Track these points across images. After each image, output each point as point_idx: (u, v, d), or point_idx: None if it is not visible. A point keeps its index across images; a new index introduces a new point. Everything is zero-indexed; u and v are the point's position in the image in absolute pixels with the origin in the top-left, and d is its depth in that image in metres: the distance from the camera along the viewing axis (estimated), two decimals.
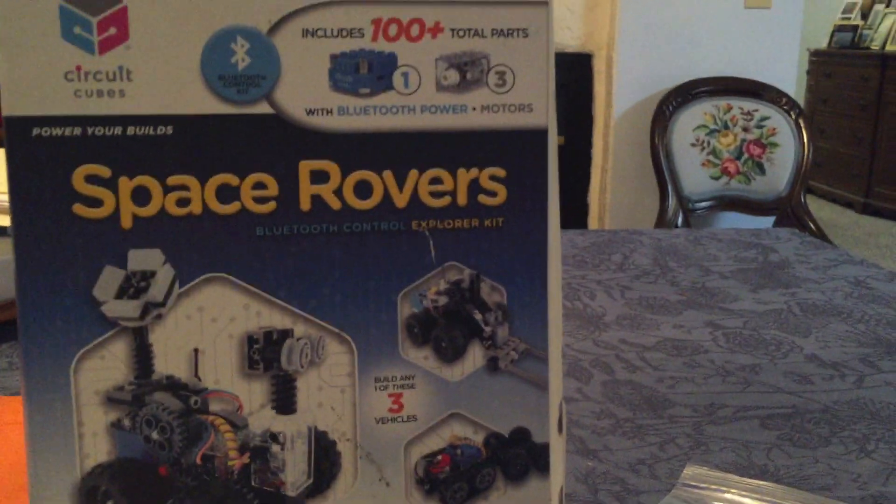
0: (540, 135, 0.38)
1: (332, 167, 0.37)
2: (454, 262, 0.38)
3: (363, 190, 0.37)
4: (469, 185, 0.38)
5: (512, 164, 0.38)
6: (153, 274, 0.36)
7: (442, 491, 0.39)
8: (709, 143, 2.10)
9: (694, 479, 0.59)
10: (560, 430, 0.40)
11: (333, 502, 0.38)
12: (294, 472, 0.38)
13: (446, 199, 0.38)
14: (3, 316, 0.72)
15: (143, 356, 0.36)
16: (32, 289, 0.35)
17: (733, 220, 2.15)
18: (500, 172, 0.38)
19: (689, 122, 2.13)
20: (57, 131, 0.35)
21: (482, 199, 0.38)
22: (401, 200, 0.37)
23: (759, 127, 2.13)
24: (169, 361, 0.36)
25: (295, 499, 0.38)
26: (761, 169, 2.13)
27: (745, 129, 2.11)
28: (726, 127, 2.11)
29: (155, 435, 0.37)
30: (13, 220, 0.35)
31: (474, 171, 0.38)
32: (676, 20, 2.28)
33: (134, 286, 0.36)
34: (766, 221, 2.15)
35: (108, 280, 0.36)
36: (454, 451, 0.39)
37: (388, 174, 0.37)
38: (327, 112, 0.37)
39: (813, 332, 0.84)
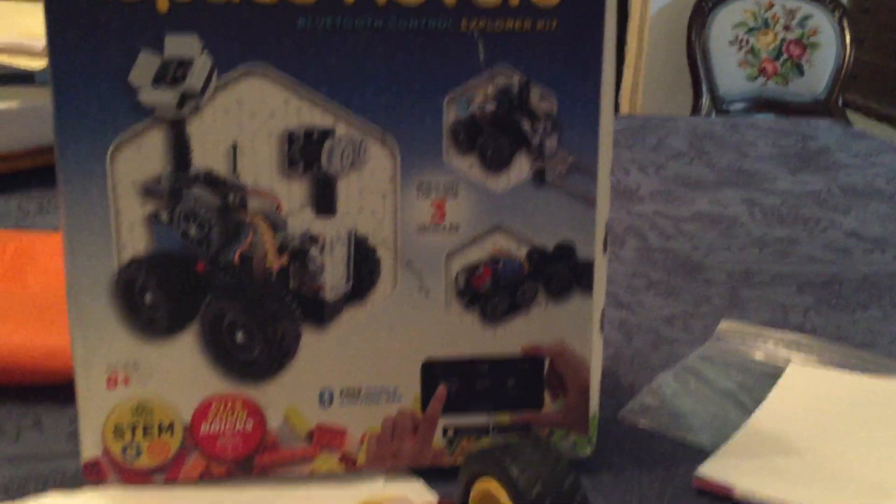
0: None
1: None
2: (504, 66, 0.36)
3: None
4: None
5: None
6: (191, 62, 0.34)
7: (482, 304, 0.38)
8: (747, 41, 2.03)
9: (729, 332, 0.58)
10: (605, 249, 0.39)
11: (372, 309, 0.38)
12: (333, 276, 0.37)
13: None
14: (27, 162, 0.72)
15: (180, 149, 0.35)
16: (66, 73, 0.34)
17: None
18: None
19: (728, 19, 2.05)
20: None
21: None
22: None
23: (801, 26, 2.05)
24: (207, 155, 0.35)
25: (333, 304, 0.37)
26: (800, 70, 2.06)
27: (786, 28, 2.03)
28: (766, 25, 2.04)
29: (193, 230, 0.36)
30: (46, 2, 0.33)
31: None
32: None
33: (171, 74, 0.34)
34: None
35: (145, 66, 0.34)
36: (496, 264, 0.38)
37: None
38: None
39: (853, 210, 0.82)
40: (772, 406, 0.47)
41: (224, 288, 0.36)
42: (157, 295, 0.36)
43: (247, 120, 0.35)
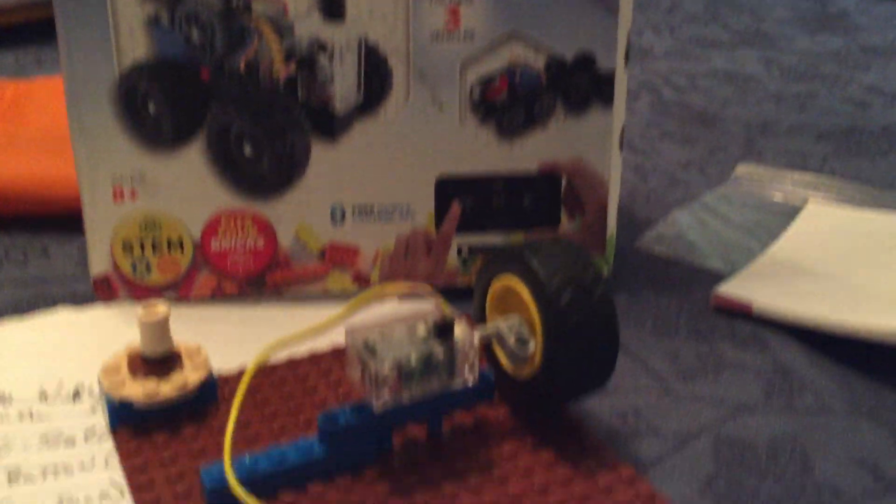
0: None
1: None
2: None
3: None
4: None
5: None
6: None
7: (498, 117, 0.37)
8: None
9: (746, 175, 0.57)
10: (626, 60, 0.37)
11: (383, 123, 0.36)
12: (343, 86, 0.36)
13: None
14: (23, 16, 0.69)
15: None
16: None
17: None
18: None
19: None
20: None
21: None
22: None
23: None
24: None
25: (344, 116, 0.36)
26: None
27: None
28: None
29: (195, 34, 0.34)
30: None
31: None
32: None
33: None
34: None
35: None
36: (512, 75, 0.37)
37: None
38: None
39: (873, 68, 0.79)
40: (791, 238, 0.46)
41: (230, 97, 0.35)
42: (160, 103, 0.34)
43: None
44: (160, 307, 0.29)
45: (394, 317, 0.28)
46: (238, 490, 0.22)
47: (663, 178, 0.55)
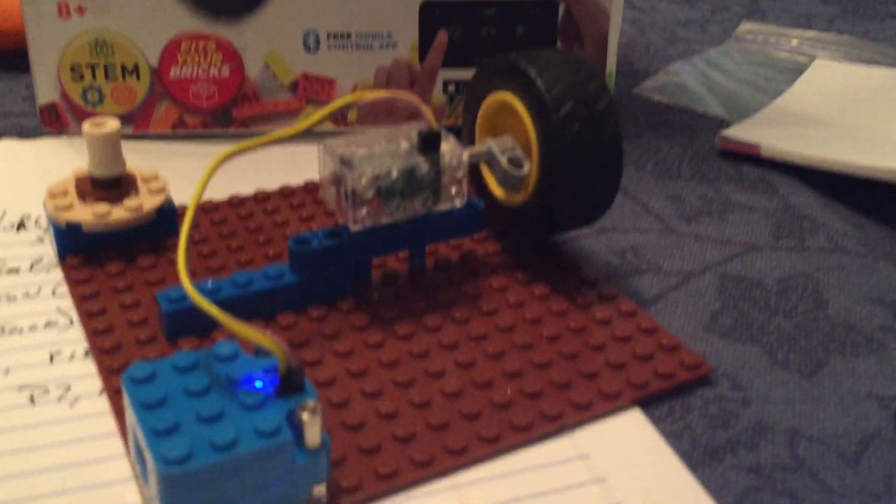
0: None
1: None
2: None
3: None
4: None
5: None
6: None
7: None
8: None
9: (750, 32, 0.54)
10: None
11: None
12: None
13: None
14: None
15: None
16: None
17: None
18: None
19: None
20: None
21: None
22: None
23: None
24: None
25: None
26: None
27: None
28: None
29: None
30: None
31: None
32: None
33: None
34: None
35: None
36: None
37: None
38: None
39: None
40: (798, 90, 0.43)
41: None
42: None
43: None
44: (110, 121, 0.26)
45: (373, 133, 0.25)
46: (202, 302, 0.19)
47: (662, 34, 0.51)
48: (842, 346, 0.26)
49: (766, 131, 0.37)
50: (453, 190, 0.25)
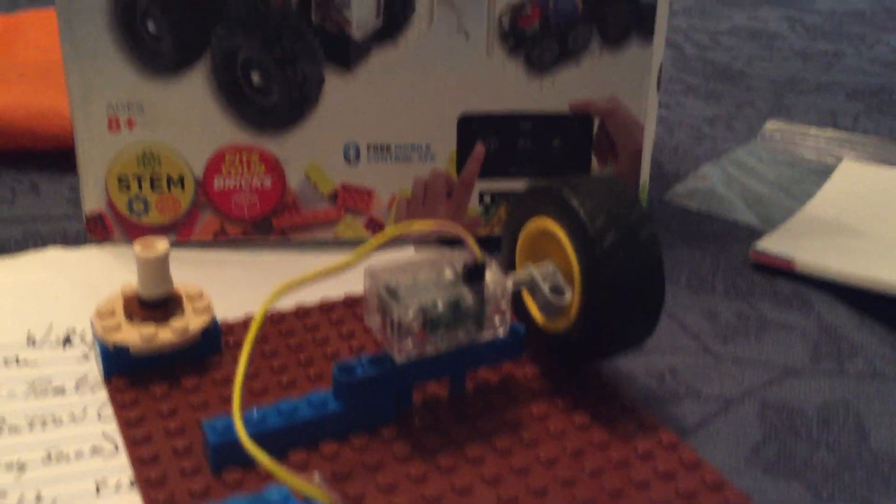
0: None
1: None
2: None
3: None
4: None
5: None
6: None
7: (528, 50, 0.34)
8: None
9: (776, 132, 0.54)
10: None
11: (404, 51, 0.33)
12: (361, 9, 0.32)
13: None
14: None
15: None
16: None
17: None
18: None
19: None
20: None
21: None
22: None
23: None
24: None
25: (361, 43, 0.33)
26: None
27: None
28: None
29: None
30: None
31: None
32: None
33: None
34: None
35: None
36: (545, 2, 0.34)
37: None
38: None
39: None
40: (828, 194, 0.43)
41: (237, 18, 0.32)
42: (161, 22, 0.31)
43: None
44: (159, 243, 0.26)
45: (417, 260, 0.25)
46: (249, 445, 0.20)
47: (689, 133, 0.52)
48: (885, 482, 0.25)
49: (799, 243, 0.37)
50: (497, 319, 0.25)
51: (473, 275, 0.25)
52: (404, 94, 0.33)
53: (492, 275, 0.26)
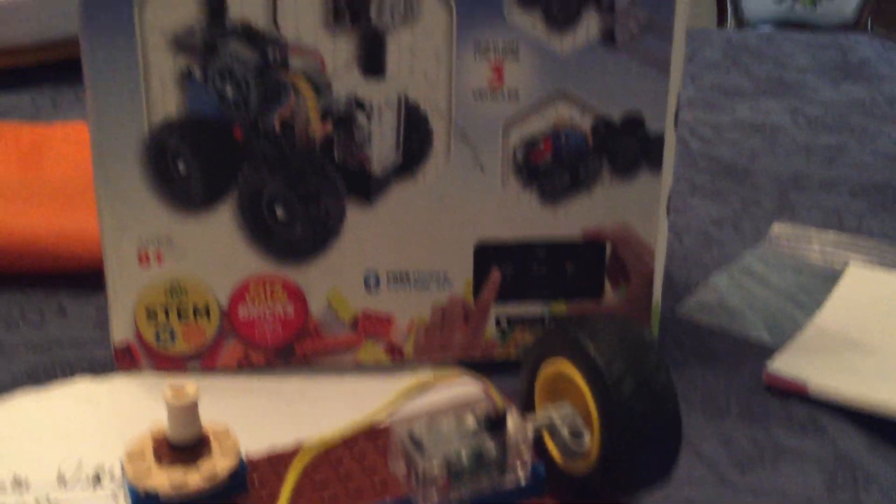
0: None
1: None
2: None
3: None
4: None
5: None
6: None
7: (541, 181, 0.35)
8: None
9: (783, 235, 0.55)
10: (676, 122, 0.36)
11: (422, 185, 0.35)
12: (381, 146, 0.34)
13: None
14: (37, 56, 0.68)
15: None
16: None
17: None
18: None
19: None
20: None
21: None
22: None
23: None
24: (245, 4, 0.32)
25: (381, 178, 0.34)
26: None
27: None
28: None
29: (229, 91, 0.32)
30: None
31: None
32: None
33: None
34: None
35: None
36: (557, 137, 0.35)
37: None
38: None
39: None
40: (836, 305, 0.44)
41: (263, 157, 0.33)
42: (190, 163, 0.33)
43: None
44: (189, 389, 0.27)
45: (439, 404, 0.26)
46: None
47: (698, 237, 0.53)
48: None
49: (811, 363, 0.38)
50: (518, 466, 0.26)
51: (495, 424, 0.26)
52: (423, 224, 0.35)
53: (513, 422, 0.26)
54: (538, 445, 0.29)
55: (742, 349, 0.40)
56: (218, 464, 0.27)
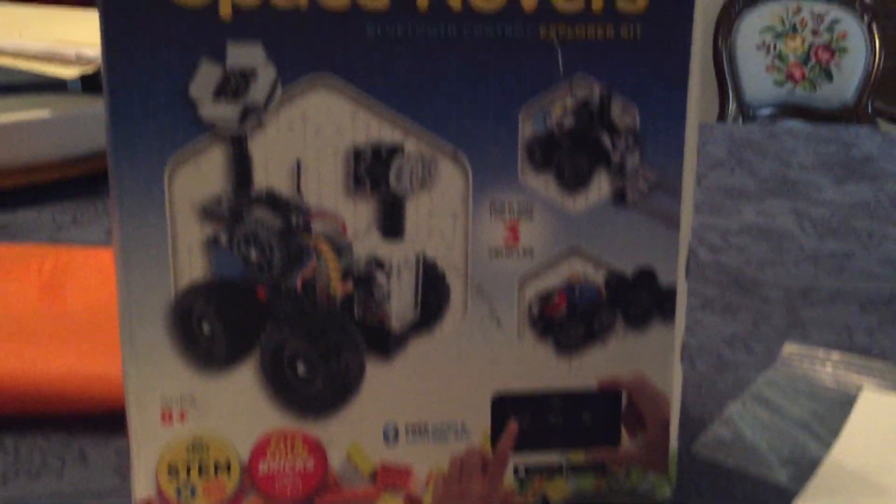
0: None
1: None
2: (583, 75, 0.34)
3: None
4: None
5: None
6: (254, 73, 0.32)
7: (556, 333, 0.36)
8: (775, 46, 2.00)
9: (794, 356, 0.56)
10: (687, 273, 0.37)
11: (440, 340, 0.35)
12: (400, 304, 0.35)
13: (579, 2, 0.33)
14: (59, 173, 0.70)
15: (241, 167, 0.33)
16: (123, 83, 0.32)
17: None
18: None
19: (755, 23, 2.02)
20: None
21: (620, 3, 0.33)
22: (529, 1, 0.33)
23: (829, 31, 2.02)
24: (269, 174, 0.33)
25: (400, 334, 0.35)
26: (828, 76, 2.03)
27: (815, 33, 2.00)
28: (794, 30, 2.01)
29: (253, 254, 0.34)
30: (101, 6, 0.31)
31: None
32: None
33: (233, 86, 0.32)
34: None
35: (206, 77, 0.32)
36: (571, 291, 0.36)
37: None
38: None
39: None
40: (849, 439, 0.44)
41: (285, 316, 0.34)
42: (215, 324, 0.33)
43: (312, 135, 0.33)
44: None
45: None
46: None
47: (710, 360, 0.53)
48: None
49: None
50: None
51: None
52: (441, 377, 0.35)
53: None
54: None
55: (760, 493, 0.40)
56: None
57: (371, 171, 0.33)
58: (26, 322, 0.47)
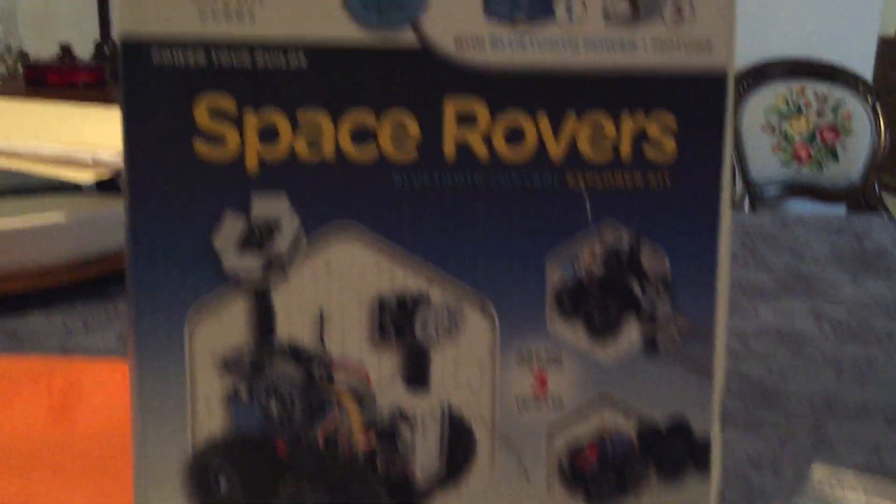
0: (718, 79, 0.33)
1: (480, 107, 0.32)
2: (611, 223, 0.33)
3: (514, 137, 0.32)
4: (634, 136, 0.33)
5: (685, 112, 0.33)
6: (278, 224, 0.32)
7: (587, 486, 0.34)
8: (780, 127, 2.02)
9: (824, 481, 0.54)
10: (722, 425, 0.35)
11: (466, 493, 0.34)
12: (425, 457, 0.33)
13: (608, 152, 0.33)
14: (71, 276, 0.69)
15: (263, 318, 0.32)
16: (147, 235, 0.31)
17: (802, 208, 2.07)
18: (671, 121, 0.33)
19: (760, 104, 2.05)
20: (179, 57, 0.30)
21: (649, 152, 0.33)
22: (556, 150, 0.33)
23: (834, 112, 2.04)
24: (292, 325, 0.32)
25: (424, 488, 0.34)
26: (834, 156, 2.04)
27: (819, 114, 2.02)
28: (799, 111, 2.03)
29: (274, 408, 0.32)
30: (126, 157, 0.31)
31: (641, 118, 0.33)
32: None
33: (257, 238, 0.31)
34: (838, 209, 2.06)
35: (230, 229, 0.31)
36: (602, 442, 0.35)
37: (542, 118, 0.32)
38: (479, 43, 0.32)
39: None
40: None
41: (306, 471, 0.33)
42: (233, 481, 0.32)
43: (336, 285, 0.32)
44: None
45: None
46: None
47: (738, 486, 0.51)
48: None
49: None
50: None
51: None
52: None
53: None
54: None
55: None
56: None
57: (396, 320, 0.33)
58: (33, 451, 0.45)
